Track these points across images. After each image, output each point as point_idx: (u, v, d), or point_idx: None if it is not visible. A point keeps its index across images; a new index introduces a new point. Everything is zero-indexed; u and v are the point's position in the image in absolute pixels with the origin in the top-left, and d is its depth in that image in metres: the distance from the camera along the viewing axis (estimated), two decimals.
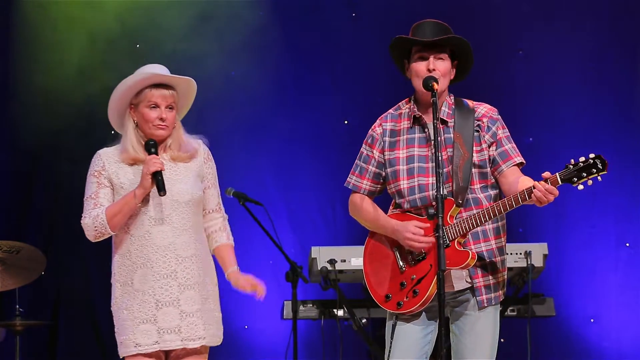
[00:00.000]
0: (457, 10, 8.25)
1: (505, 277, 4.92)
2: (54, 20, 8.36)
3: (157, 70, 4.98)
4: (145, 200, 4.90)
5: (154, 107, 4.93)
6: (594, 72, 8.46)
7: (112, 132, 5.14)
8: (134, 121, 4.97)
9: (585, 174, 4.57)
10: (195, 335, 4.90)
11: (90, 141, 7.83)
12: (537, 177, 4.69)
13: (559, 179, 4.59)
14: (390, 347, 4.83)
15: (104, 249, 5.21)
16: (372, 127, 5.01)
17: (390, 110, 5.02)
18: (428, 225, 4.78)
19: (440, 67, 4.83)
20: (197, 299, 4.93)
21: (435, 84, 4.74)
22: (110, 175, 4.94)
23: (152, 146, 4.92)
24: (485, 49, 8.29)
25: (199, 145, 5.08)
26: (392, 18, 8.38)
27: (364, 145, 5.02)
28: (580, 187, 4.59)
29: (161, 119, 4.93)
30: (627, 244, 8.34)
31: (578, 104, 8.47)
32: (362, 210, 4.98)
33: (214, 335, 4.99)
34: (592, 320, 8.28)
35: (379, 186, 5.00)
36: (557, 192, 4.59)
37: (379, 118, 5.02)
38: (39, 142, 8.29)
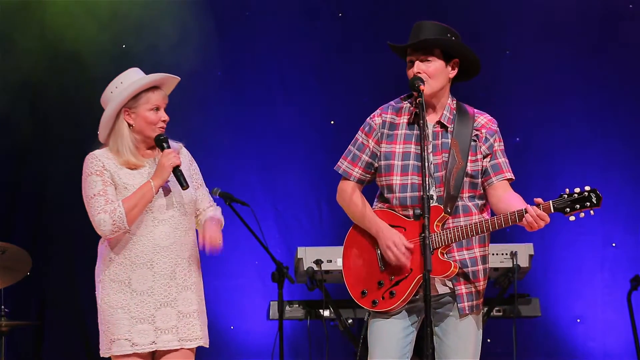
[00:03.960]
0: (444, 10, 8.24)
1: (486, 284, 4.90)
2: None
3: (141, 74, 4.95)
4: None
5: (155, 109, 4.92)
6: (582, 72, 8.46)
7: (96, 132, 5.11)
8: (128, 124, 4.94)
9: (578, 206, 4.55)
10: (193, 335, 4.91)
11: (75, 142, 7.82)
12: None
13: (552, 207, 4.58)
14: (361, 341, 4.85)
15: (89, 249, 5.18)
16: (371, 115, 4.92)
17: (392, 102, 4.94)
18: (412, 246, 4.74)
19: (427, 70, 4.79)
20: (194, 299, 4.93)
21: (421, 84, 4.71)
22: (112, 174, 4.89)
23: (163, 141, 4.91)
24: (472, 49, 8.28)
25: (180, 147, 5.06)
26: (378, 18, 8.38)
27: (360, 133, 4.92)
28: (572, 218, 4.58)
29: (163, 121, 4.92)
30: (614, 244, 8.35)
31: (565, 104, 8.47)
32: (352, 202, 4.90)
33: (207, 337, 4.99)
34: (578, 320, 8.29)
35: (369, 176, 4.92)
36: (548, 219, 4.58)
37: (380, 108, 4.94)
38: (24, 143, 8.26)
